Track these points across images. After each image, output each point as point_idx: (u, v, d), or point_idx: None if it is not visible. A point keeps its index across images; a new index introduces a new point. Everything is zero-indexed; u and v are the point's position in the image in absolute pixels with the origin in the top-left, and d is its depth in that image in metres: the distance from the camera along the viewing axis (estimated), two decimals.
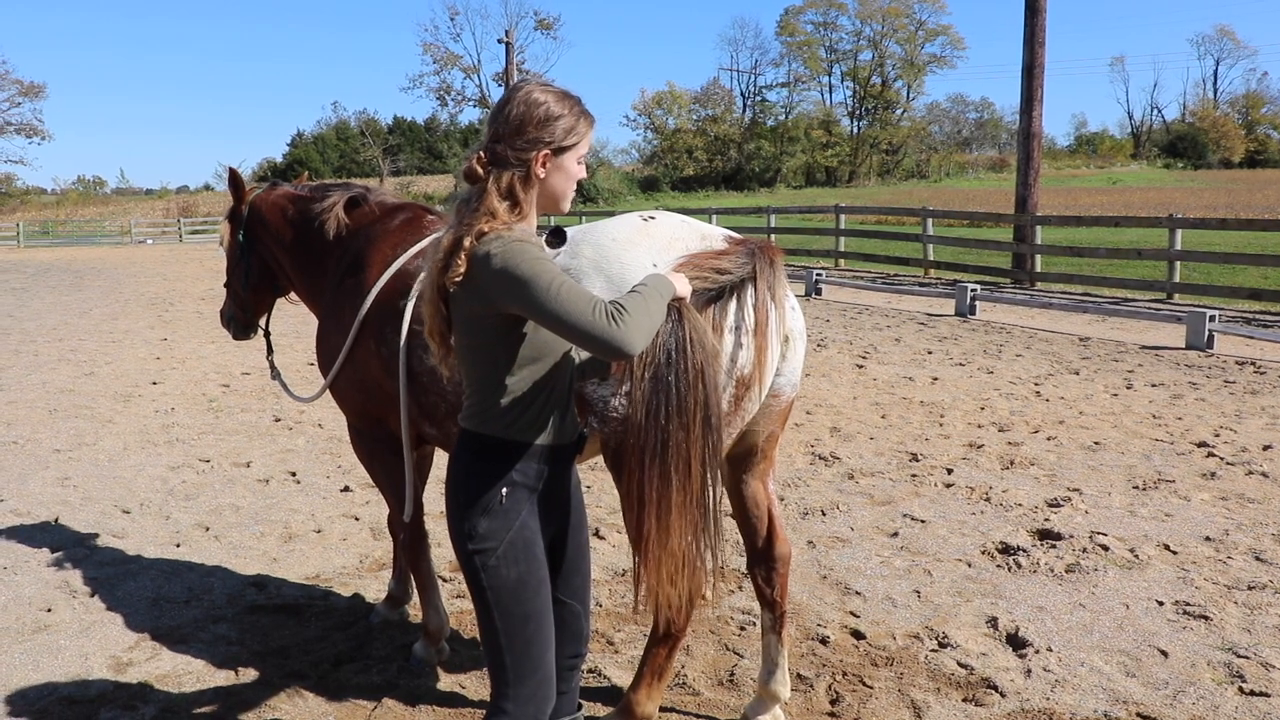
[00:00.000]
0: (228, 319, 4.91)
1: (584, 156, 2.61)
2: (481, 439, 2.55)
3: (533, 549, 2.57)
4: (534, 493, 2.58)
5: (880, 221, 33.96)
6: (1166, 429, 8.12)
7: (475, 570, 2.53)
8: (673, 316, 2.68)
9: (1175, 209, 34.14)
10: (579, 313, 2.32)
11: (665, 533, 2.73)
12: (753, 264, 3.08)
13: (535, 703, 2.57)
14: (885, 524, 5.92)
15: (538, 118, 2.49)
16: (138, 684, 4.09)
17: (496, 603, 2.53)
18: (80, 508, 6.43)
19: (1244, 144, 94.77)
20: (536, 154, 2.49)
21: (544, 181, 2.54)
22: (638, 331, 2.37)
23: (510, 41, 49.20)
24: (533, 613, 2.56)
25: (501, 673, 2.57)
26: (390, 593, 4.70)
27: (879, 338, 13.44)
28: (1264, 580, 4.98)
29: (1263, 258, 15.72)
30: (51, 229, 58.09)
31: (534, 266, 2.35)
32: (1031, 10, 20.96)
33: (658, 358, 2.68)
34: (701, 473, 2.75)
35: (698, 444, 2.73)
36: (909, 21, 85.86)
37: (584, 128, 2.56)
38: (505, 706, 2.56)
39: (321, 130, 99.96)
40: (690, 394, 2.70)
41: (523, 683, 2.55)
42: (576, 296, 2.33)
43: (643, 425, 2.70)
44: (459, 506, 2.55)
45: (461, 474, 2.56)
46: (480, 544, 2.51)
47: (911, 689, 3.99)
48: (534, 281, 2.33)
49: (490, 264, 2.37)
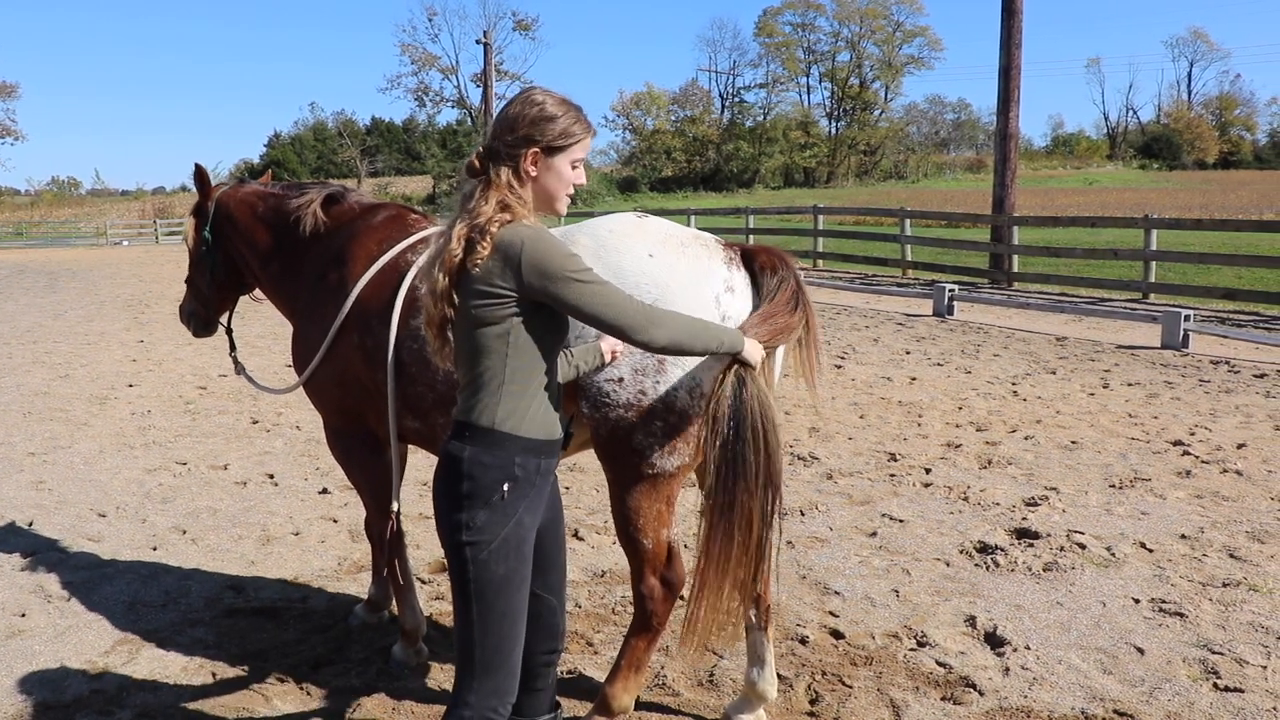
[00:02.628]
0: (188, 315, 4.86)
1: (579, 161, 2.66)
2: (483, 431, 2.56)
3: (523, 547, 2.61)
4: (532, 488, 2.61)
5: (858, 222, 34.01)
6: (1142, 428, 8.19)
7: (464, 562, 2.55)
8: (737, 385, 2.86)
9: (1151, 209, 34.32)
10: (611, 298, 2.53)
11: (720, 585, 3.07)
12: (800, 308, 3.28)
13: (497, 696, 2.61)
14: (864, 524, 5.94)
15: (531, 116, 2.57)
16: (114, 688, 4.06)
17: (478, 596, 2.55)
18: (55, 511, 6.37)
19: (1218, 145, 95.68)
20: (526, 151, 2.57)
21: (536, 180, 2.60)
22: (667, 330, 2.59)
23: (488, 42, 49.11)
24: (509, 610, 2.59)
25: (469, 665, 2.60)
26: (370, 596, 4.68)
27: (857, 338, 13.49)
28: (1238, 577, 5.03)
29: (1237, 258, 15.86)
30: (25, 230, 57.58)
31: (563, 254, 2.50)
32: (1008, 12, 21.09)
33: (725, 429, 2.93)
34: (761, 528, 3.01)
35: (759, 504, 2.99)
36: (887, 23, 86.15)
37: (579, 132, 2.62)
38: (468, 699, 2.59)
39: (299, 131, 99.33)
40: (755, 460, 2.95)
41: (488, 677, 2.59)
42: (609, 286, 2.55)
43: (713, 489, 2.95)
44: (458, 497, 2.55)
45: (460, 465, 2.56)
46: (475, 536, 2.53)
47: (890, 688, 4.00)
48: (563, 265, 2.49)
49: (521, 251, 2.46)
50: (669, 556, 3.39)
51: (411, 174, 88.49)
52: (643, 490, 3.31)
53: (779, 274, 3.31)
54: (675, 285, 3.21)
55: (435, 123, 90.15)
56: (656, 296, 3.18)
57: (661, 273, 3.22)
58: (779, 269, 3.33)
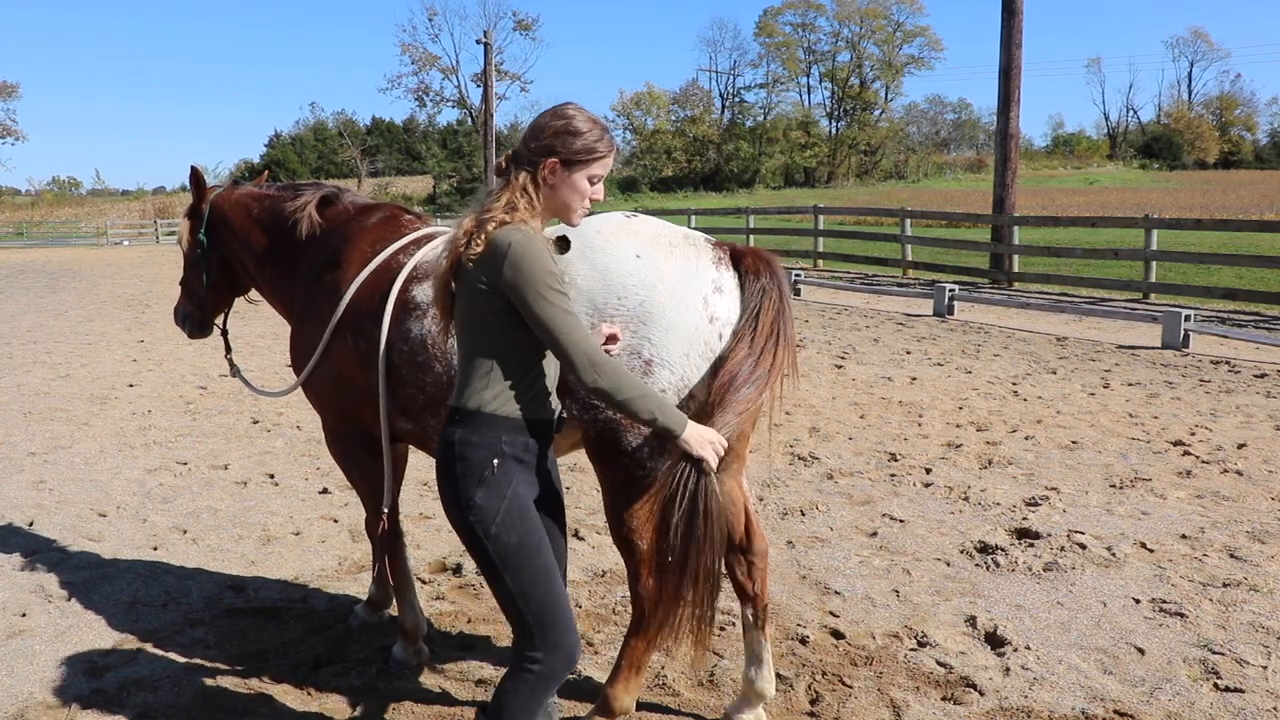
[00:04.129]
0: (183, 317, 4.86)
1: (597, 178, 2.74)
2: (470, 413, 2.69)
3: (527, 514, 2.72)
4: (522, 463, 2.73)
5: (859, 222, 34.05)
6: (1143, 428, 8.18)
7: (478, 539, 2.68)
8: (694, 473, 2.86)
9: (1151, 209, 34.39)
10: (572, 327, 2.57)
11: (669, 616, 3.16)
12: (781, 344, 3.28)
13: (564, 649, 2.72)
14: (864, 524, 5.94)
15: (556, 128, 2.68)
16: (115, 688, 4.06)
17: (504, 566, 2.68)
18: (56, 511, 6.37)
19: (1218, 145, 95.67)
20: (546, 160, 2.67)
21: (553, 190, 2.70)
22: (609, 380, 2.60)
23: (489, 42, 49.13)
24: (539, 569, 2.70)
25: (525, 628, 2.71)
26: (370, 596, 4.68)
27: (857, 338, 13.48)
28: (1239, 577, 5.03)
29: (1237, 258, 15.85)
30: (26, 230, 57.52)
31: (544, 271, 2.56)
32: (1008, 12, 21.07)
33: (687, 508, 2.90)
34: (713, 572, 3.05)
35: (711, 558, 3.01)
36: (887, 23, 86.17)
37: (601, 151, 2.71)
38: (535, 657, 2.70)
39: (299, 131, 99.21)
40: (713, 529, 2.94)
41: (547, 631, 2.70)
42: (574, 317, 2.60)
43: (675, 547, 2.98)
44: (455, 478, 2.69)
45: (453, 448, 2.70)
46: (479, 513, 2.66)
47: (891, 688, 4.00)
48: (535, 281, 2.55)
49: (507, 251, 2.56)
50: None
51: (412, 174, 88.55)
52: (635, 491, 3.31)
53: (761, 281, 3.30)
54: (662, 286, 3.20)
55: (435, 123, 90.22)
56: (644, 298, 3.17)
57: (649, 273, 3.21)
58: (762, 274, 3.31)
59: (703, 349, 3.20)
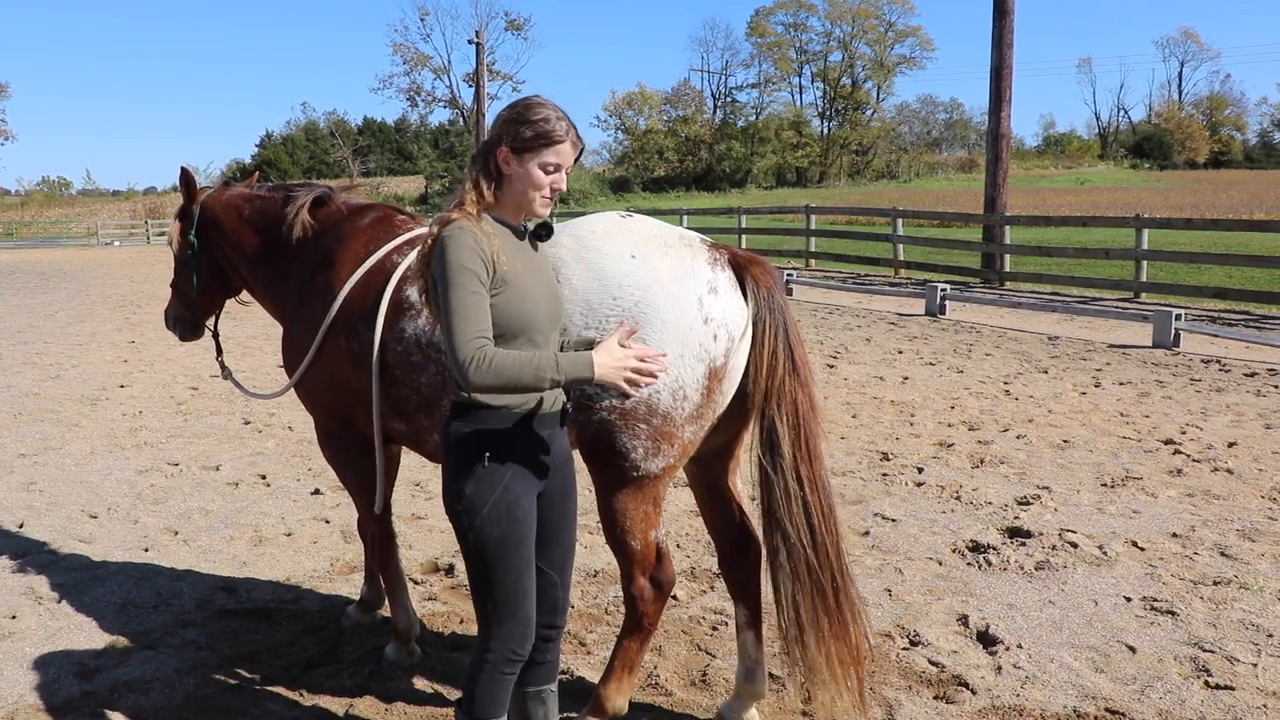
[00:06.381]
0: (173, 319, 4.85)
1: (552, 165, 2.70)
2: (463, 407, 2.74)
3: (515, 511, 2.75)
4: (519, 457, 2.76)
5: (850, 222, 34.10)
6: (1134, 427, 8.21)
7: (464, 529, 2.75)
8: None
9: (1142, 209, 34.50)
10: (457, 328, 2.53)
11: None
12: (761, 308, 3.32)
13: (514, 640, 2.81)
14: (856, 523, 5.95)
15: (506, 117, 2.74)
16: (106, 690, 4.04)
17: (481, 557, 2.75)
18: (46, 513, 6.35)
19: (1208, 145, 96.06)
20: (497, 150, 2.70)
21: (509, 180, 2.72)
22: (488, 381, 2.52)
23: (480, 42, 49.13)
24: (513, 566, 2.76)
25: (486, 616, 2.81)
26: (362, 597, 4.67)
27: (849, 337, 13.50)
28: (1229, 575, 5.05)
29: (1227, 257, 15.92)
30: (15, 231, 57.41)
31: (454, 267, 2.56)
32: (1000, 12, 21.12)
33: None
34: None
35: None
36: (879, 23, 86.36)
37: (553, 136, 2.68)
38: (490, 644, 2.81)
39: (291, 131, 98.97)
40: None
41: (503, 623, 2.78)
42: (465, 316, 2.53)
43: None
44: (450, 469, 2.77)
45: (449, 441, 2.77)
46: (467, 505, 2.72)
47: (883, 687, 4.01)
48: (443, 278, 2.57)
49: (437, 244, 2.63)
50: (658, 557, 3.39)
51: (404, 174, 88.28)
52: (629, 492, 3.30)
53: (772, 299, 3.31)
54: (658, 286, 3.18)
55: (427, 123, 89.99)
56: (639, 298, 3.16)
57: (644, 273, 3.20)
58: (769, 288, 3.32)
59: (697, 350, 3.19)
